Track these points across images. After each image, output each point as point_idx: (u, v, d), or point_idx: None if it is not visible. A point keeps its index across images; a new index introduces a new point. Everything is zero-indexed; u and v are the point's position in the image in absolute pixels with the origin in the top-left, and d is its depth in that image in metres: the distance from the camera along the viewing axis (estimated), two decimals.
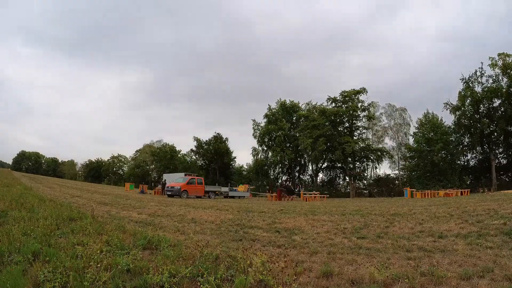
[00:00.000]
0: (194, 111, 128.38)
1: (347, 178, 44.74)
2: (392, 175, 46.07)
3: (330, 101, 44.10)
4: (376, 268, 4.05)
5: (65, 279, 3.30)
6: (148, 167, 68.61)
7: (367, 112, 43.40)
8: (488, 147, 37.91)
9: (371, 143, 45.70)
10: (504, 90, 34.67)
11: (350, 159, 42.35)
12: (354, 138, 42.34)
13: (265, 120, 51.29)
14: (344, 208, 15.15)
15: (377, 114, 46.54)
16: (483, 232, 6.48)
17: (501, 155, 38.95)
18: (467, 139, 39.58)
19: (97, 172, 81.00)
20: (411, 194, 29.08)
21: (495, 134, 37.43)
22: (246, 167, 58.90)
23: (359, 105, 42.94)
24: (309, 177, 51.23)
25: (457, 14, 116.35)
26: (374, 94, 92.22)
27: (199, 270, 3.74)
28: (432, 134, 38.69)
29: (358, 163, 44.24)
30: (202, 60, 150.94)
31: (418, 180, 37.49)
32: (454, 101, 38.41)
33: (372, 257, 4.98)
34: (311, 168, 50.34)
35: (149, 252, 4.82)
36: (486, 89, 35.76)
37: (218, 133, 60.91)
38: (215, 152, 58.42)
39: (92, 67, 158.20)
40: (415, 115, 63.97)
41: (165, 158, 64.22)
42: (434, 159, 36.53)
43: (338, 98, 43.49)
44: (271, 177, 50.71)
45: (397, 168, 45.72)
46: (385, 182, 44.39)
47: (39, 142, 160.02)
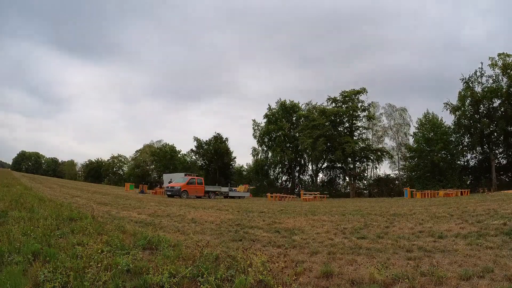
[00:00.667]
0: None
1: (347, 178, 44.74)
2: (392, 175, 46.14)
3: (330, 101, 44.14)
4: (376, 268, 4.05)
5: (65, 279, 3.29)
6: (148, 167, 68.61)
7: (367, 112, 43.43)
8: (488, 147, 37.91)
9: (371, 143, 45.73)
10: (504, 90, 34.67)
11: (350, 159, 42.36)
12: (354, 138, 42.35)
13: (265, 120, 51.34)
14: (344, 208, 15.16)
15: (377, 114, 46.61)
16: (483, 232, 6.48)
17: (501, 155, 38.95)
18: (467, 139, 39.59)
19: (97, 172, 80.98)
20: (411, 194, 29.09)
21: (495, 134, 37.43)
22: (246, 167, 58.94)
23: (359, 105, 42.97)
24: (309, 177, 51.27)
25: None
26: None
27: (199, 270, 3.74)
28: (432, 134, 38.70)
29: (358, 163, 44.26)
30: None
31: (418, 180, 37.50)
32: (454, 101, 38.48)
33: (372, 257, 4.98)
34: (311, 168, 50.42)
35: (149, 252, 4.82)
36: (486, 89, 35.77)
37: (218, 133, 61.02)
38: (215, 152, 58.43)
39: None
40: (415, 115, 64.08)
41: (165, 158, 64.24)
42: (434, 159, 36.53)
43: (338, 98, 43.52)
44: (271, 177, 50.72)
45: (397, 168, 45.75)
46: (385, 182, 44.39)
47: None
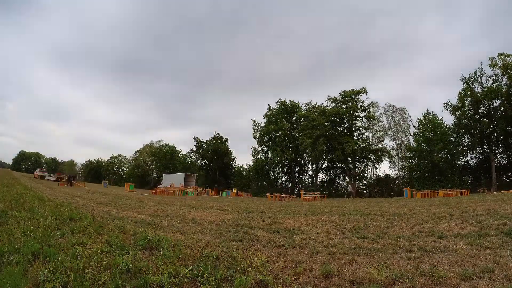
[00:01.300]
0: None
1: (347, 178, 44.72)
2: (392, 175, 46.08)
3: (330, 101, 44.08)
4: (376, 268, 4.05)
5: (65, 279, 3.30)
6: (148, 167, 68.62)
7: (367, 112, 43.36)
8: (488, 147, 37.88)
9: (371, 143, 45.70)
10: (504, 90, 34.63)
11: (350, 159, 42.32)
12: (354, 138, 42.29)
13: (265, 120, 51.30)
14: (344, 208, 15.16)
15: (377, 114, 46.57)
16: (483, 232, 6.48)
17: (501, 155, 38.89)
18: (467, 139, 39.54)
19: (97, 172, 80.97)
20: (411, 194, 29.08)
21: (495, 134, 37.38)
22: (246, 167, 58.89)
23: (359, 105, 42.92)
24: (309, 177, 51.22)
25: None
26: None
27: (199, 270, 3.74)
28: (432, 134, 38.67)
29: (358, 163, 44.22)
30: None
31: (418, 180, 37.46)
32: (454, 101, 38.47)
33: (372, 257, 4.98)
34: (311, 168, 50.36)
35: (149, 252, 4.82)
36: (486, 89, 35.73)
37: (218, 133, 61.03)
38: (215, 152, 58.43)
39: None
40: (415, 115, 64.02)
41: (165, 158, 64.26)
42: (434, 159, 36.50)
43: (338, 98, 43.47)
44: (271, 177, 50.71)
45: (397, 168, 45.71)
46: (385, 182, 44.37)
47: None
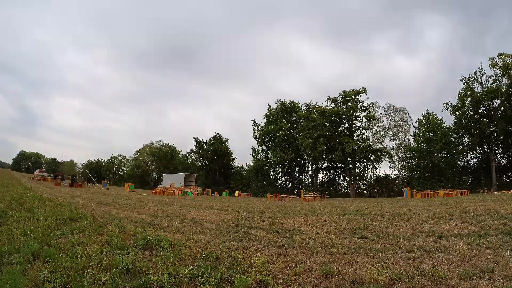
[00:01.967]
0: None
1: (347, 178, 44.72)
2: (392, 176, 46.12)
3: (330, 101, 44.10)
4: (376, 269, 4.05)
5: (65, 279, 3.29)
6: (148, 167, 68.62)
7: (367, 113, 43.37)
8: (488, 148, 37.90)
9: (371, 143, 45.72)
10: (504, 90, 34.65)
11: (350, 160, 42.32)
12: (354, 139, 42.31)
13: (265, 120, 51.32)
14: (344, 209, 15.16)
15: (377, 115, 46.59)
16: (483, 232, 6.48)
17: (501, 155, 38.93)
18: (467, 140, 39.56)
19: (97, 173, 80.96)
20: (411, 195, 29.07)
21: (495, 135, 37.40)
22: (246, 167, 58.90)
23: (359, 105, 42.93)
24: (309, 177, 51.24)
25: None
26: None
27: (199, 270, 3.74)
28: (432, 135, 38.69)
29: (358, 164, 44.22)
30: None
31: (418, 181, 37.47)
32: (454, 101, 38.48)
33: (372, 258, 4.98)
34: (311, 169, 50.37)
35: (149, 252, 4.82)
36: (486, 89, 35.74)
37: (218, 133, 61.03)
38: (215, 152, 58.42)
39: None
40: (415, 115, 64.08)
41: (165, 158, 64.28)
42: (434, 159, 36.52)
43: (338, 98, 43.48)
44: (271, 177, 50.71)
45: (397, 169, 45.75)
46: (385, 183, 44.38)
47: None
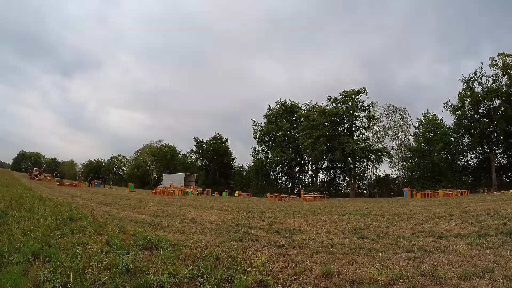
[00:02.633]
0: None
1: (347, 178, 44.72)
2: (392, 175, 46.08)
3: (330, 101, 44.10)
4: (376, 269, 4.05)
5: (65, 279, 3.29)
6: (148, 167, 68.63)
7: (367, 112, 43.36)
8: (488, 147, 37.89)
9: (371, 143, 45.70)
10: (504, 90, 34.65)
11: (350, 159, 42.31)
12: (354, 138, 42.30)
13: (265, 120, 51.32)
14: (344, 209, 15.16)
15: (377, 114, 46.54)
16: (483, 232, 6.48)
17: (501, 155, 38.92)
18: (467, 139, 39.57)
19: (97, 173, 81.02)
20: (411, 194, 29.07)
21: (495, 134, 37.39)
22: (246, 167, 58.89)
23: (359, 105, 42.93)
24: (309, 177, 51.23)
25: None
26: None
27: (199, 270, 3.74)
28: (432, 134, 38.71)
29: (358, 163, 44.22)
30: None
31: (418, 180, 37.48)
32: (454, 101, 38.48)
33: (372, 257, 4.98)
34: (311, 168, 50.36)
35: (149, 252, 4.82)
36: (486, 89, 35.75)
37: (218, 133, 61.03)
38: (215, 152, 58.42)
39: None
40: (415, 115, 64.00)
41: (165, 158, 64.29)
42: (434, 159, 36.52)
43: (338, 98, 43.48)
44: (271, 177, 50.71)
45: (397, 168, 45.72)
46: (385, 182, 44.36)
47: None
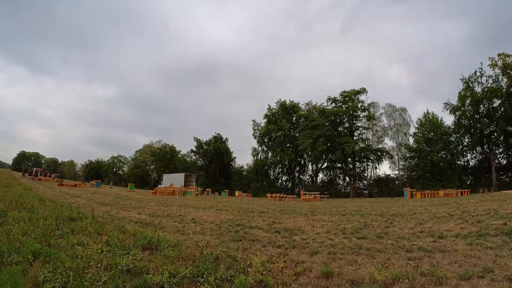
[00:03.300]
0: None
1: (347, 178, 44.72)
2: (392, 175, 46.06)
3: (330, 101, 44.08)
4: (376, 268, 4.05)
5: (65, 279, 3.29)
6: (148, 168, 68.63)
7: (367, 112, 43.35)
8: (488, 147, 37.89)
9: (371, 143, 45.70)
10: (504, 90, 34.64)
11: (350, 159, 42.33)
12: (354, 138, 42.31)
13: (265, 120, 51.31)
14: (344, 209, 15.16)
15: (377, 114, 46.54)
16: (483, 232, 6.47)
17: (501, 155, 38.90)
18: (467, 139, 39.57)
19: (97, 173, 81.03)
20: (411, 194, 29.06)
21: (495, 134, 37.40)
22: (246, 167, 58.87)
23: (359, 105, 42.92)
24: (309, 177, 51.23)
25: None
26: None
27: (199, 270, 3.74)
28: (432, 134, 38.70)
29: (358, 163, 44.23)
30: None
31: (418, 180, 37.47)
32: (454, 101, 38.49)
33: (372, 257, 4.98)
34: (311, 168, 50.36)
35: (149, 252, 4.82)
36: (486, 89, 35.75)
37: (218, 133, 61.01)
38: (215, 152, 58.41)
39: None
40: (415, 115, 64.16)
41: (165, 158, 64.29)
42: (434, 159, 36.52)
43: (338, 98, 43.46)
44: (271, 177, 50.70)
45: (397, 169, 45.72)
46: (385, 183, 44.35)
47: None
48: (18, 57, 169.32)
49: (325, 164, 47.84)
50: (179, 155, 67.64)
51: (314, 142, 40.10)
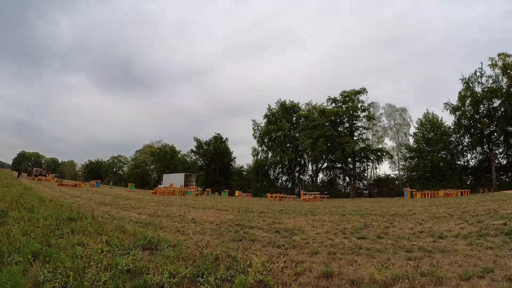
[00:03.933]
0: None
1: (347, 179, 44.71)
2: (392, 176, 46.03)
3: (330, 101, 44.04)
4: (376, 269, 4.05)
5: (65, 279, 3.30)
6: (148, 168, 68.61)
7: (367, 112, 43.32)
8: (488, 147, 37.87)
9: (371, 143, 45.69)
10: (504, 90, 34.63)
11: (350, 159, 42.31)
12: (354, 138, 42.29)
13: (265, 121, 51.28)
14: (344, 209, 15.16)
15: (377, 115, 46.53)
16: (483, 232, 6.47)
17: (501, 155, 38.89)
18: (467, 139, 39.56)
19: (97, 173, 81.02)
20: (411, 195, 29.06)
21: (495, 134, 37.39)
22: (246, 167, 58.85)
23: (359, 105, 42.90)
24: (309, 177, 51.20)
25: None
26: None
27: (199, 270, 3.74)
28: (432, 134, 38.69)
29: (358, 163, 44.21)
30: None
31: (418, 181, 37.45)
32: (454, 101, 38.48)
33: (372, 258, 4.98)
34: (311, 169, 50.32)
35: (149, 252, 4.82)
36: (486, 89, 35.74)
37: (218, 133, 61.01)
38: (215, 153, 58.40)
39: None
40: (415, 115, 64.19)
41: (165, 158, 64.27)
42: (434, 159, 36.51)
43: (338, 98, 43.43)
44: (271, 177, 50.69)
45: (397, 169, 45.70)
46: (385, 183, 44.34)
47: None
48: None
49: (325, 164, 47.83)
50: (179, 155, 67.65)
51: (314, 142, 40.09)
